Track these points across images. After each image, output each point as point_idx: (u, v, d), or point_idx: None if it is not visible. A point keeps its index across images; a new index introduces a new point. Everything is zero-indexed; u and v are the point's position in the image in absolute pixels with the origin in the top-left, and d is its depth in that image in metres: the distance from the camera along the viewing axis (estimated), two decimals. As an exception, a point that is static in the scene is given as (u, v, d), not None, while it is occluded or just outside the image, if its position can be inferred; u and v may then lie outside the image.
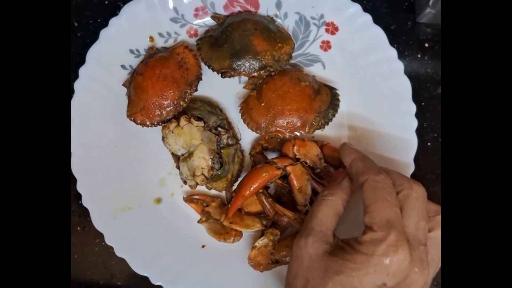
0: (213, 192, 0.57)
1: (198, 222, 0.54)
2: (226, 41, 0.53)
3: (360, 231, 0.38)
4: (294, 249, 0.40)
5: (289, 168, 0.51)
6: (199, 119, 0.54)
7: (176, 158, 0.55)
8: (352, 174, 0.44)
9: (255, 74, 0.53)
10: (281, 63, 0.54)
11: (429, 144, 0.58)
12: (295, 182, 0.51)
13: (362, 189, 0.40)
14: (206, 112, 0.55)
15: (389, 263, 0.35)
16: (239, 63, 0.53)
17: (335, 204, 0.42)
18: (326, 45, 0.57)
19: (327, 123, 0.54)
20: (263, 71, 0.53)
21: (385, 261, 0.35)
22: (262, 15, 0.57)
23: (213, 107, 0.56)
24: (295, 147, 0.52)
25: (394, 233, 0.36)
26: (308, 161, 0.52)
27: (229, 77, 0.54)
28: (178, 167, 0.55)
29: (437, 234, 0.40)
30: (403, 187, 0.40)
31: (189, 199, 0.56)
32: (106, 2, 0.60)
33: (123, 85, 0.56)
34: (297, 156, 0.52)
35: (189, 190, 0.57)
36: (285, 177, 0.52)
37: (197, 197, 0.56)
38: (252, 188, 0.50)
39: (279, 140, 0.54)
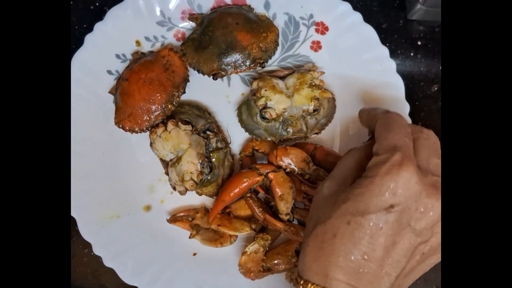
0: (195, 202, 0.55)
1: (190, 237, 0.53)
2: (210, 41, 0.52)
3: None
4: (313, 196, 0.40)
5: (271, 175, 0.49)
6: (187, 123, 0.53)
7: (165, 163, 0.54)
8: (367, 125, 0.43)
9: (246, 69, 0.53)
10: (269, 52, 0.54)
11: (424, 144, 0.57)
12: (277, 189, 0.49)
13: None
14: (194, 116, 0.54)
15: (393, 181, 0.33)
16: (228, 62, 0.52)
17: (357, 154, 0.40)
18: (316, 46, 0.56)
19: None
20: (253, 64, 0.52)
21: (389, 180, 0.33)
22: (239, 6, 0.55)
23: (201, 111, 0.55)
24: (277, 158, 0.50)
25: (398, 154, 0.34)
26: (296, 169, 0.50)
27: (221, 77, 0.53)
28: (167, 173, 0.54)
29: None
30: (414, 130, 0.39)
31: (173, 219, 0.54)
32: (92, 7, 0.59)
33: (109, 92, 0.55)
34: (283, 166, 0.50)
35: (170, 210, 0.55)
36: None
37: (181, 214, 0.54)
38: (232, 194, 0.49)
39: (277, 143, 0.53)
